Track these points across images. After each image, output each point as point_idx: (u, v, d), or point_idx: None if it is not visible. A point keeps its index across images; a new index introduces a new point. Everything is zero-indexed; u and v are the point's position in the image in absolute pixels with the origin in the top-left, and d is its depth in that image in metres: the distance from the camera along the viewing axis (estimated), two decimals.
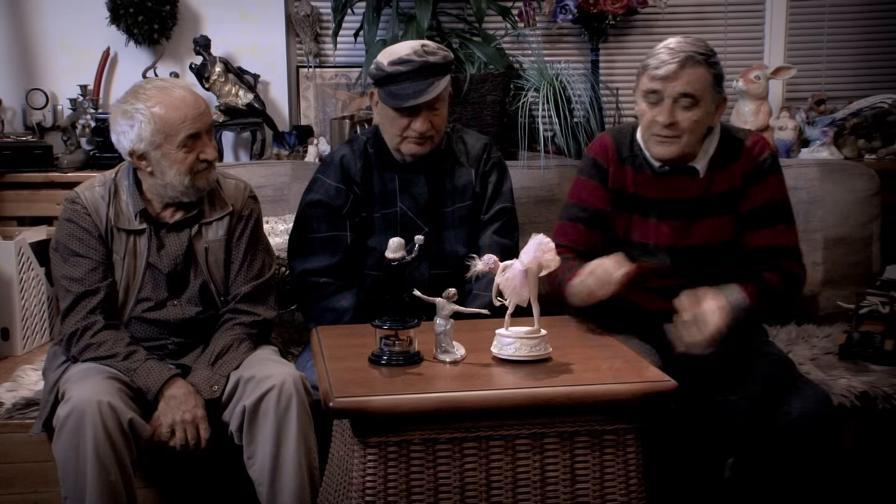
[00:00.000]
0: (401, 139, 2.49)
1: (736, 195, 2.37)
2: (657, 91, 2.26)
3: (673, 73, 2.23)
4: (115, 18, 3.48)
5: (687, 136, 2.29)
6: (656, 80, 2.25)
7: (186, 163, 2.27)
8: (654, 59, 2.27)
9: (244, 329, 2.37)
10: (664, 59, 2.24)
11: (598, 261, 2.19)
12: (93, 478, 2.06)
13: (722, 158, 2.37)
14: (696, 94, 2.25)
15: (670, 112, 2.26)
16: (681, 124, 2.27)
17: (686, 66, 2.23)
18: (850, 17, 3.71)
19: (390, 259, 1.93)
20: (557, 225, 2.48)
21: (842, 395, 2.49)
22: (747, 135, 2.42)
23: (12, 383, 2.60)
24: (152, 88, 2.28)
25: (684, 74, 2.23)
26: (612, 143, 2.44)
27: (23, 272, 2.97)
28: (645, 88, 2.29)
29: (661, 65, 2.24)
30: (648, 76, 2.28)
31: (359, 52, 3.49)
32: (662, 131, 2.28)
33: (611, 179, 2.41)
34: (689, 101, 2.25)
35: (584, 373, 1.90)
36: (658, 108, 2.27)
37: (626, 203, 2.41)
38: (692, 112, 2.26)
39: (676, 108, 2.26)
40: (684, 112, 2.26)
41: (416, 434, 1.80)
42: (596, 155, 2.45)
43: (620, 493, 1.87)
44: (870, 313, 2.75)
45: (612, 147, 2.43)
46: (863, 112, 3.48)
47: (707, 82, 2.26)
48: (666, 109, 2.26)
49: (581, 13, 3.46)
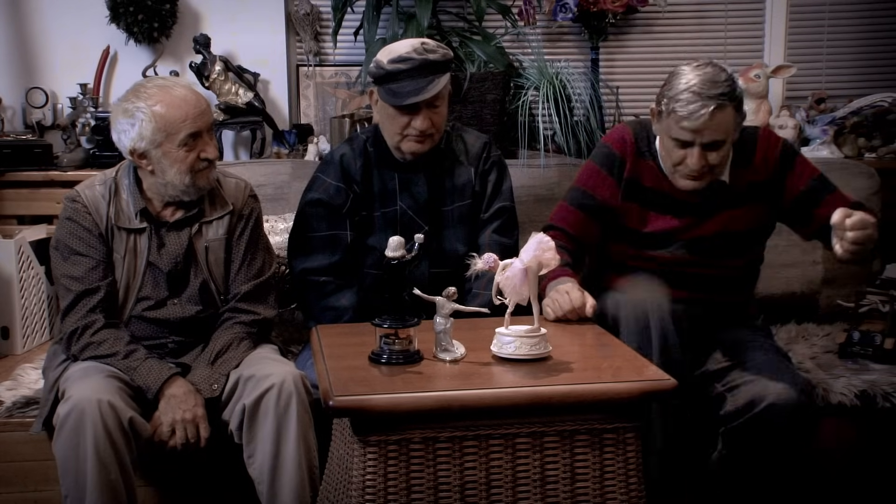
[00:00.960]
0: (401, 137, 2.49)
1: (762, 187, 2.37)
2: (686, 140, 2.23)
3: (703, 125, 2.18)
4: (114, 17, 3.48)
5: (718, 169, 2.29)
6: (686, 130, 2.20)
7: (187, 162, 2.27)
8: (679, 103, 2.19)
9: (244, 328, 2.37)
10: (693, 109, 2.17)
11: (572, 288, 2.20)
12: (93, 476, 2.06)
13: (738, 160, 2.37)
14: (725, 137, 2.23)
15: (701, 156, 2.23)
16: (711, 163, 2.25)
17: (718, 112, 2.18)
18: (851, 15, 3.72)
19: (390, 258, 1.93)
20: (558, 206, 2.47)
21: (841, 393, 2.49)
22: (755, 133, 2.42)
23: (12, 382, 2.60)
24: (153, 87, 2.28)
25: (714, 122, 2.18)
26: (631, 137, 2.41)
27: (23, 271, 2.97)
28: (673, 135, 2.24)
29: (691, 115, 2.18)
30: (676, 122, 2.21)
31: (359, 50, 3.49)
32: (693, 172, 2.27)
33: (627, 169, 2.39)
34: (719, 142, 2.23)
35: (584, 371, 1.90)
36: (688, 151, 2.24)
37: (642, 195, 2.40)
38: (722, 150, 2.25)
39: (707, 150, 2.23)
40: (714, 153, 2.24)
41: (416, 433, 1.80)
42: (613, 144, 2.42)
43: (620, 492, 1.87)
44: (870, 312, 2.76)
45: (632, 140, 2.41)
46: (863, 111, 3.48)
47: (734, 119, 2.23)
48: (696, 155, 2.23)
49: (581, 12, 3.46)
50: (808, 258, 3.07)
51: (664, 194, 2.39)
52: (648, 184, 2.39)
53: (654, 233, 2.39)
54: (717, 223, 2.38)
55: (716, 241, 2.38)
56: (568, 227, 2.42)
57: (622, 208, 2.40)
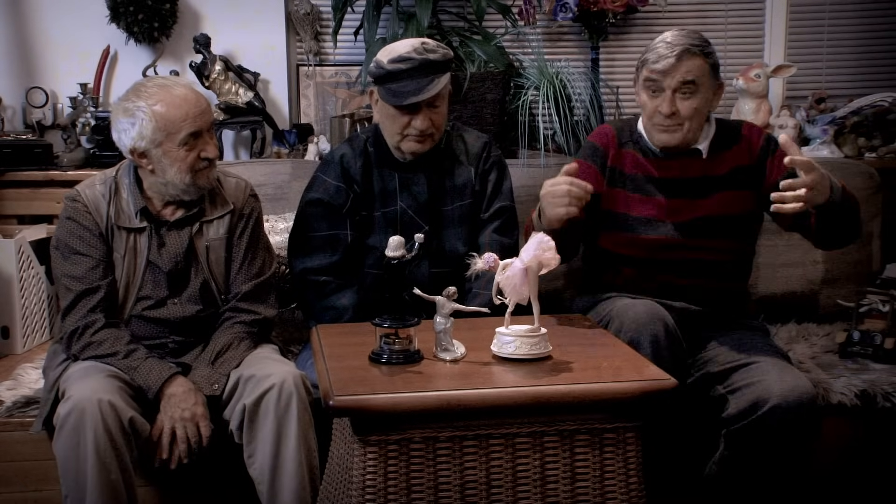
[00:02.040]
0: (401, 137, 2.49)
1: (744, 173, 2.45)
2: (657, 80, 2.36)
3: (672, 67, 2.34)
4: (115, 17, 3.48)
5: (688, 124, 2.39)
6: (655, 72, 2.35)
7: (187, 161, 2.27)
8: (652, 53, 2.38)
9: (245, 328, 2.37)
10: (662, 52, 2.35)
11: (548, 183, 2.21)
12: (93, 476, 2.06)
13: (721, 142, 2.47)
14: (695, 81, 2.35)
15: (671, 102, 2.36)
16: (682, 112, 2.37)
17: (683, 58, 2.34)
18: (851, 15, 3.71)
19: (390, 257, 1.93)
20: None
21: (841, 393, 2.49)
22: (739, 123, 2.56)
23: (12, 381, 2.60)
24: (153, 86, 2.28)
25: (682, 66, 2.34)
26: (612, 130, 2.55)
27: (23, 271, 2.97)
28: (645, 78, 2.38)
29: (660, 59, 2.35)
30: (648, 69, 2.37)
31: (359, 50, 3.49)
32: (665, 121, 2.38)
33: (610, 158, 2.50)
34: (689, 88, 2.35)
35: (585, 371, 1.90)
36: (659, 98, 2.37)
37: (625, 182, 2.48)
38: (692, 100, 2.36)
39: (677, 97, 2.36)
40: (685, 101, 2.36)
41: (416, 432, 1.80)
42: (595, 139, 2.56)
43: (620, 492, 1.87)
44: (870, 312, 2.75)
45: (613, 133, 2.54)
46: (863, 110, 3.48)
47: (704, 71, 2.37)
48: (667, 100, 2.36)
49: (581, 11, 3.46)
50: (808, 258, 3.07)
51: (647, 178, 2.47)
52: (630, 171, 2.49)
53: (642, 217, 2.45)
54: (704, 207, 2.44)
55: (705, 223, 2.43)
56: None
57: (608, 194, 2.48)
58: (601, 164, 2.50)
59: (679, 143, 2.42)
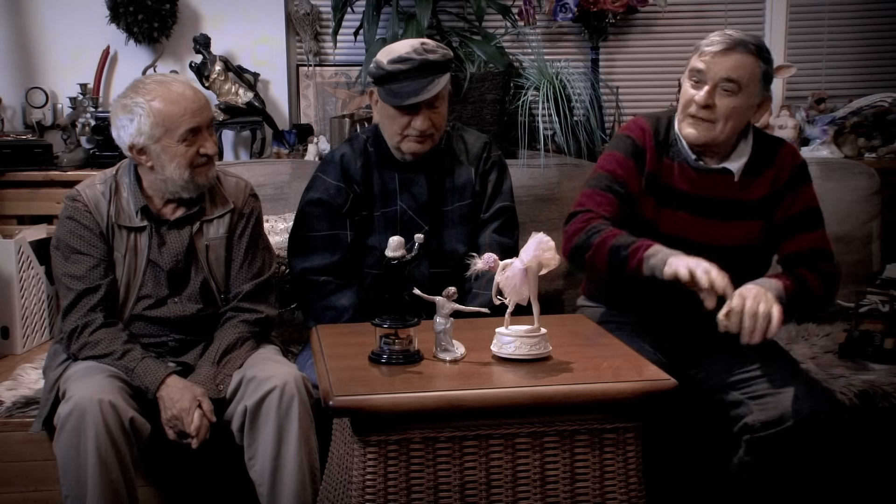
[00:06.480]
0: (401, 137, 2.49)
1: (767, 203, 2.35)
2: (702, 70, 2.23)
3: (721, 53, 2.21)
4: (114, 17, 3.48)
5: (721, 124, 2.25)
6: (704, 56, 2.23)
7: (186, 156, 2.27)
8: (706, 40, 2.25)
9: (248, 327, 2.37)
10: (715, 40, 2.22)
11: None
12: (94, 476, 2.06)
13: (756, 165, 2.34)
14: (739, 80, 2.21)
15: (710, 94, 2.23)
16: (718, 108, 2.24)
17: (735, 49, 2.20)
18: (850, 15, 3.72)
19: (390, 258, 1.93)
20: (585, 192, 2.36)
21: (841, 393, 2.49)
22: (778, 144, 2.40)
23: (12, 382, 2.60)
24: (152, 83, 2.29)
25: (731, 58, 2.21)
26: (648, 126, 2.39)
27: (23, 271, 2.97)
28: (691, 67, 2.26)
29: (712, 45, 2.22)
30: (697, 55, 2.25)
31: (359, 50, 3.50)
32: (698, 112, 2.25)
33: (648, 161, 2.35)
34: (732, 86, 2.22)
35: (584, 371, 1.90)
36: (699, 89, 2.25)
37: (658, 191, 2.35)
38: (732, 99, 2.23)
39: (717, 91, 2.23)
40: (724, 97, 2.23)
41: (416, 433, 1.80)
42: (633, 134, 2.39)
43: (620, 492, 1.87)
44: (870, 312, 2.75)
45: (650, 130, 2.38)
46: (863, 111, 3.48)
47: (754, 73, 2.23)
48: (706, 91, 2.23)
49: (581, 12, 3.46)
50: None
51: (679, 192, 2.34)
52: (665, 180, 2.35)
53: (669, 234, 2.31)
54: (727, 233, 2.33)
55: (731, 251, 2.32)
56: (606, 212, 2.30)
57: (641, 198, 2.35)
58: (640, 165, 2.35)
59: (706, 141, 2.28)
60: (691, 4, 3.71)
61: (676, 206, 2.35)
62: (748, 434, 2.22)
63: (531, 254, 1.90)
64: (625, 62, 3.71)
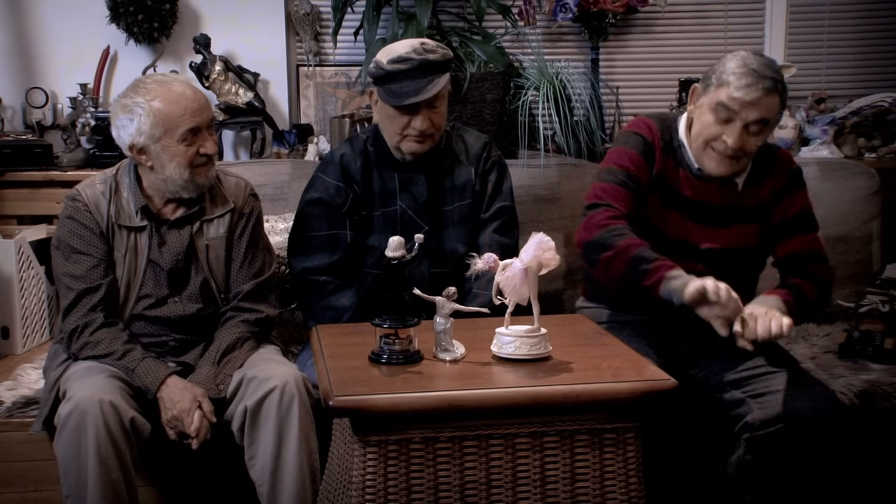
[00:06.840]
0: (401, 137, 2.49)
1: (765, 207, 2.38)
2: (732, 109, 2.21)
3: (756, 101, 2.18)
4: (115, 17, 3.48)
5: (746, 159, 2.29)
6: (736, 101, 2.20)
7: (186, 156, 2.27)
8: (734, 77, 2.19)
9: (248, 326, 2.37)
10: (749, 82, 2.18)
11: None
12: (94, 476, 2.06)
13: (757, 174, 2.37)
14: (768, 118, 2.22)
15: (741, 136, 2.22)
16: (747, 148, 2.25)
17: (769, 94, 2.19)
18: (850, 15, 3.72)
19: (390, 257, 1.93)
20: (601, 186, 2.34)
21: (841, 393, 2.48)
22: (775, 151, 2.43)
23: (12, 382, 2.60)
24: (152, 83, 2.29)
25: (764, 103, 2.19)
26: (656, 126, 2.38)
27: (23, 271, 2.97)
28: (718, 101, 2.22)
29: (746, 88, 2.18)
30: (727, 93, 2.20)
31: (359, 50, 3.50)
32: (728, 151, 2.25)
33: (657, 160, 2.35)
34: (761, 126, 2.23)
35: (584, 371, 1.90)
36: (728, 127, 2.23)
37: (663, 191, 2.36)
38: (758, 138, 2.25)
39: (747, 132, 2.23)
40: (752, 137, 2.24)
41: (416, 433, 1.80)
42: (642, 131, 2.38)
43: (620, 492, 1.87)
44: (870, 312, 2.75)
45: (657, 130, 2.38)
46: (863, 111, 3.48)
47: (778, 110, 2.25)
48: (737, 132, 2.22)
49: (581, 12, 3.46)
50: None
51: (681, 195, 2.36)
52: (671, 183, 2.36)
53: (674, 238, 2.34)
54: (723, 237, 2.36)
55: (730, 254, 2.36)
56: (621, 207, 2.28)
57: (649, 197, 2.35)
58: (650, 163, 2.34)
59: (730, 174, 2.31)
60: (691, 4, 3.71)
61: (677, 208, 2.36)
62: (748, 432, 2.22)
63: (531, 254, 1.90)
64: (625, 62, 3.70)
